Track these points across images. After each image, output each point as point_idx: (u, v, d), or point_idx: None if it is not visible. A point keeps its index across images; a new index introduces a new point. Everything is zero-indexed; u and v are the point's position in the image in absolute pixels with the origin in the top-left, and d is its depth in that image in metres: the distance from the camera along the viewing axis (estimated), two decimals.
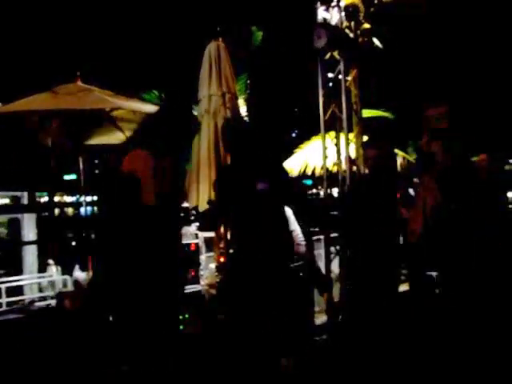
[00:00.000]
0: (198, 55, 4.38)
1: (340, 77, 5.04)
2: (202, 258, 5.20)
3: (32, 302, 6.32)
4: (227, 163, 3.82)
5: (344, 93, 4.96)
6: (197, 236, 4.83)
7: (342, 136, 5.18)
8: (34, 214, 7.24)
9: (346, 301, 5.00)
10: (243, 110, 6.31)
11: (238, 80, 5.87)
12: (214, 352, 3.87)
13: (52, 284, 6.60)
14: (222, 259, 4.92)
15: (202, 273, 4.99)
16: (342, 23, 5.02)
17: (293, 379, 3.58)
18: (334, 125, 5.29)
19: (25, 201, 7.16)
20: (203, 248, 5.47)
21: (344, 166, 5.14)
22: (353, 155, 5.17)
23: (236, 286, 3.60)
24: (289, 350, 4.08)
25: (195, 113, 5.15)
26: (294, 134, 14.79)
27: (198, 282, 4.79)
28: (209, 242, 5.48)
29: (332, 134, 5.30)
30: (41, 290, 6.79)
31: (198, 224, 4.84)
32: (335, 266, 5.57)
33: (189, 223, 4.72)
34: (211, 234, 5.17)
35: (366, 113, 6.13)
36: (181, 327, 4.49)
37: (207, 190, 4.08)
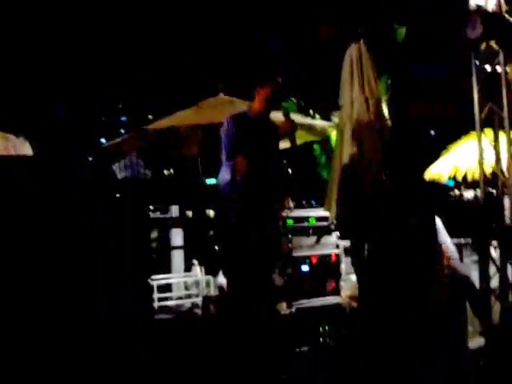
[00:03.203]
0: (338, 59, 4.22)
1: (498, 69, 4.45)
2: (343, 268, 5.02)
3: (179, 298, 6.83)
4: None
5: (504, 86, 4.36)
6: (337, 246, 4.68)
7: (502, 135, 4.57)
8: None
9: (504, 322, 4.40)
10: (385, 112, 5.96)
11: (379, 81, 5.55)
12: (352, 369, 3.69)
13: (196, 283, 7.00)
14: None
15: (342, 284, 4.83)
16: (500, 7, 4.43)
17: None
18: (490, 123, 4.71)
19: (173, 211, 7.67)
20: (343, 258, 5.30)
21: (505, 169, 4.54)
22: None
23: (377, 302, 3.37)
24: (439, 374, 3.71)
25: (336, 120, 5.01)
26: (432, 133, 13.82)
27: (338, 294, 4.65)
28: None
29: (489, 133, 4.71)
30: (186, 288, 7.24)
31: (338, 233, 4.68)
32: (495, 282, 4.94)
33: (329, 233, 4.59)
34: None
35: None
36: (320, 339, 4.41)
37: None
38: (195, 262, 7.52)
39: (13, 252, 2.51)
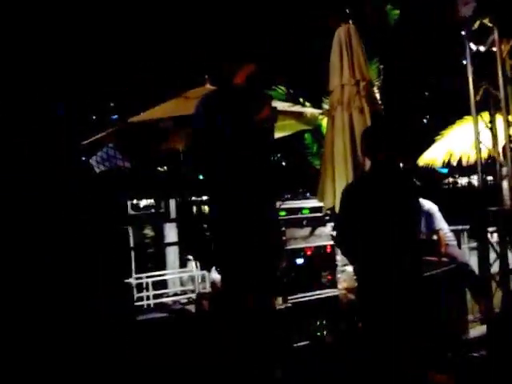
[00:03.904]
0: (326, 42, 4.04)
1: (494, 49, 4.29)
2: (339, 259, 4.88)
3: (175, 294, 6.73)
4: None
5: (500, 66, 4.21)
6: (332, 237, 4.54)
7: (499, 118, 4.42)
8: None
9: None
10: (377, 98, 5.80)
11: (370, 65, 5.38)
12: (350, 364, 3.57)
13: (192, 278, 6.90)
14: None
15: (338, 276, 4.69)
16: None
17: None
18: (485, 106, 4.56)
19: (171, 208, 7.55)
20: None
21: (501, 152, 4.40)
22: None
23: (369, 295, 3.21)
24: (438, 364, 3.59)
25: (326, 106, 4.84)
26: (425, 120, 13.71)
27: (335, 286, 4.51)
28: None
29: (485, 115, 4.55)
30: (182, 284, 7.15)
31: (333, 224, 4.53)
32: (494, 269, 4.82)
33: (324, 224, 4.44)
34: None
35: None
36: (318, 334, 4.28)
37: None
38: (190, 257, 7.41)
39: None
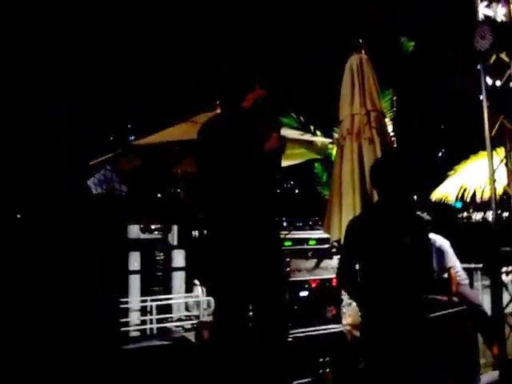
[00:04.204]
0: (338, 71, 3.99)
1: (511, 84, 4.21)
2: (344, 293, 4.72)
3: (179, 319, 6.62)
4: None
5: None
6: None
7: None
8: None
9: None
10: (389, 129, 5.73)
11: (383, 96, 5.32)
12: None
13: (197, 304, 6.79)
14: None
15: (344, 310, 4.52)
16: (510, 18, 4.21)
17: None
18: (500, 141, 4.45)
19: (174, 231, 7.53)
20: None
21: None
22: None
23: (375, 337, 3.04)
24: None
25: (336, 135, 4.77)
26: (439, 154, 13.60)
27: (339, 322, 4.34)
28: None
29: (500, 151, 4.44)
30: (187, 309, 7.05)
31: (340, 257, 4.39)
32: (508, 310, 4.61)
33: (330, 256, 4.30)
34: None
35: None
36: (320, 371, 4.11)
37: None
38: (197, 282, 7.31)
39: None
